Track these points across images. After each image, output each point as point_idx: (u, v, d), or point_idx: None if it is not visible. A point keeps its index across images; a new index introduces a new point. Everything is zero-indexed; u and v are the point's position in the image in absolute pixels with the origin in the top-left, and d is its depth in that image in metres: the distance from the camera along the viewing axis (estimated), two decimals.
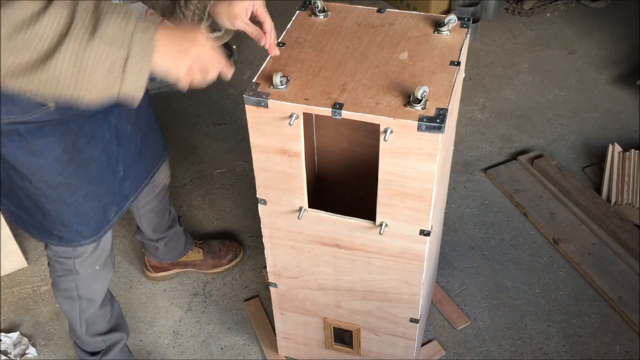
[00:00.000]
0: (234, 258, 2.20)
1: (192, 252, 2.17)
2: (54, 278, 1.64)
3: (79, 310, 1.65)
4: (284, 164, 1.39)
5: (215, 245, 2.20)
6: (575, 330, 1.99)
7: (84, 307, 1.65)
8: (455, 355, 1.94)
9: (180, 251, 2.12)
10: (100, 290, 1.66)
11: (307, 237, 1.52)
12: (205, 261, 2.17)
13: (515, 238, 2.28)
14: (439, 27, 1.44)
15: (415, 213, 1.37)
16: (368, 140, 1.72)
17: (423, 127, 1.22)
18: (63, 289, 1.63)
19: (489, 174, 2.50)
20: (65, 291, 1.63)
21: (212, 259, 2.17)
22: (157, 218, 1.94)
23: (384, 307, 1.61)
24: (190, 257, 2.16)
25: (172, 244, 2.06)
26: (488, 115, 2.80)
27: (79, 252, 1.54)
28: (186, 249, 2.13)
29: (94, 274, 1.61)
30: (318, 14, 1.50)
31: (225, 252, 2.19)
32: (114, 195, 1.50)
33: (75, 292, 1.62)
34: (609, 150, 2.47)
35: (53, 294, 1.69)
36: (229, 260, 2.19)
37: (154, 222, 1.94)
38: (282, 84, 1.30)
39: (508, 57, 3.13)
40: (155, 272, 2.17)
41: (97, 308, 1.68)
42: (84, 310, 1.66)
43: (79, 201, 1.41)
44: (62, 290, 1.63)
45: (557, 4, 3.47)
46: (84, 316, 1.67)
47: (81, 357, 1.79)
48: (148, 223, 1.94)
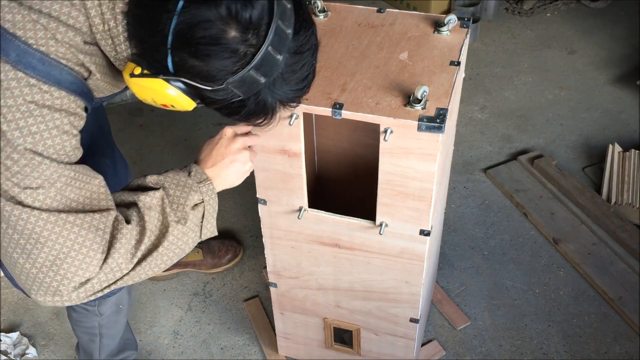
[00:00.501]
0: (234, 258, 2.20)
1: (191, 253, 2.17)
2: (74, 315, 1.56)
3: (99, 344, 1.63)
4: (284, 164, 1.39)
5: (214, 245, 2.20)
6: (575, 330, 1.99)
7: (104, 343, 1.63)
8: (455, 355, 1.94)
9: None
10: (119, 329, 1.64)
11: (307, 237, 1.52)
12: (204, 261, 2.17)
13: (515, 238, 2.27)
14: (439, 27, 1.44)
15: (415, 213, 1.37)
16: (368, 140, 1.72)
17: (423, 127, 1.22)
18: (84, 327, 1.58)
19: (489, 174, 2.50)
20: (87, 329, 1.59)
21: (212, 258, 2.18)
22: None
23: (384, 307, 1.60)
24: (190, 257, 2.17)
25: None
26: (488, 115, 2.80)
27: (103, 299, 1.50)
28: None
29: (117, 312, 1.58)
30: (318, 14, 1.50)
31: (225, 251, 2.19)
32: None
33: (97, 330, 1.58)
34: (609, 150, 2.47)
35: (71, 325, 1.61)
36: (228, 260, 2.19)
37: None
38: None
39: (508, 57, 3.13)
40: None
41: (117, 341, 1.67)
42: (104, 345, 1.64)
43: None
44: (83, 328, 1.58)
45: (557, 4, 3.47)
46: (103, 350, 1.65)
47: None
48: None
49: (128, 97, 2.96)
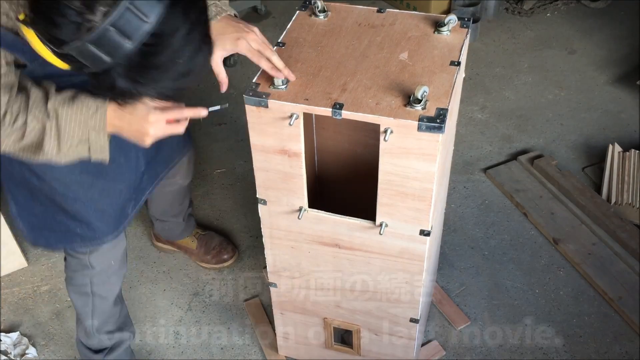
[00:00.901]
0: (223, 261, 2.19)
1: (187, 239, 2.20)
2: (68, 273, 1.64)
3: (92, 306, 1.66)
4: (284, 164, 1.39)
5: (214, 242, 2.20)
6: (575, 330, 1.99)
7: (96, 304, 1.66)
8: (455, 355, 1.94)
9: (177, 234, 2.17)
10: (114, 287, 1.68)
11: (307, 237, 1.52)
12: (196, 251, 2.19)
13: (515, 238, 2.27)
14: (439, 27, 1.44)
15: (415, 213, 1.37)
16: (368, 140, 1.72)
17: (423, 127, 1.22)
18: (77, 285, 1.64)
19: (489, 174, 2.50)
20: (80, 287, 1.63)
21: (204, 253, 2.19)
22: (164, 205, 2.01)
23: (384, 307, 1.60)
24: (185, 242, 2.20)
25: (167, 227, 2.13)
26: (488, 115, 2.80)
27: (96, 248, 1.55)
28: (182, 235, 2.18)
29: (109, 270, 1.62)
30: (318, 14, 1.50)
31: (219, 251, 2.19)
32: (134, 190, 1.54)
33: (89, 288, 1.62)
34: (609, 150, 2.47)
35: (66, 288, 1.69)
36: (217, 260, 2.19)
37: (160, 206, 2.02)
38: (282, 84, 1.30)
39: (508, 57, 3.13)
40: (156, 241, 2.25)
41: (109, 305, 1.69)
42: (96, 306, 1.66)
43: (95, 198, 1.45)
44: (76, 286, 1.64)
45: (557, 4, 3.46)
46: (95, 313, 1.68)
47: (85, 355, 1.79)
48: (155, 205, 2.02)
49: None
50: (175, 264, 2.24)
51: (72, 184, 1.41)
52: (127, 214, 1.55)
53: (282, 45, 1.43)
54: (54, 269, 2.24)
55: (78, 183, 1.41)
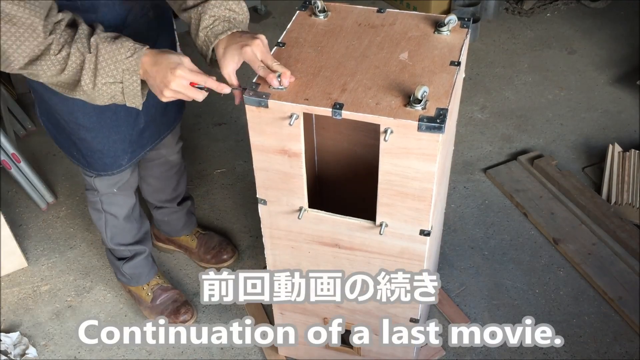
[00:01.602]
0: (223, 262, 2.19)
1: (187, 237, 2.22)
2: (86, 192, 1.89)
3: (104, 221, 1.89)
4: (284, 164, 1.39)
5: (214, 241, 2.20)
6: (575, 330, 1.99)
7: (108, 220, 1.89)
8: (455, 355, 1.94)
9: (176, 230, 2.19)
10: (120, 210, 1.87)
11: (307, 237, 1.52)
12: (196, 251, 2.20)
13: (515, 238, 2.28)
14: (439, 27, 1.44)
15: (415, 213, 1.37)
16: (368, 140, 1.72)
17: (423, 127, 1.22)
18: (90, 202, 1.88)
19: (489, 174, 2.50)
20: (92, 204, 1.88)
21: (204, 253, 2.19)
22: (157, 185, 2.04)
23: (384, 307, 1.60)
24: (184, 241, 2.22)
25: (167, 218, 2.15)
26: (488, 115, 2.80)
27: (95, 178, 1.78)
28: (182, 231, 2.19)
29: (112, 195, 1.83)
30: (318, 14, 1.50)
31: (218, 251, 2.19)
32: (130, 144, 1.68)
33: (100, 206, 1.86)
34: (609, 150, 2.47)
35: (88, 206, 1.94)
36: (217, 261, 2.19)
37: (151, 188, 2.05)
38: (282, 84, 1.30)
39: (508, 57, 3.13)
40: (157, 241, 2.26)
41: (120, 223, 1.90)
42: (108, 222, 1.89)
43: (95, 141, 1.64)
44: (90, 202, 1.89)
45: (557, 4, 3.46)
46: (108, 227, 1.90)
47: (110, 260, 2.05)
48: (146, 185, 2.04)
49: None
50: (175, 264, 2.24)
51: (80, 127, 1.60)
52: (121, 164, 1.71)
53: (282, 45, 1.43)
54: (54, 269, 2.25)
55: (85, 127, 1.60)
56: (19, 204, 2.48)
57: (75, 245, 2.32)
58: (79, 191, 2.53)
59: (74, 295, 2.16)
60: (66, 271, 2.24)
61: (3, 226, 2.11)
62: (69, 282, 2.20)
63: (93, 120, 1.59)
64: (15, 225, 2.39)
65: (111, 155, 1.67)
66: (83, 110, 1.55)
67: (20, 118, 2.77)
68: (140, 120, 1.66)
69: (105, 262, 2.25)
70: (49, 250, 2.31)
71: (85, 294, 2.17)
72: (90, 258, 2.28)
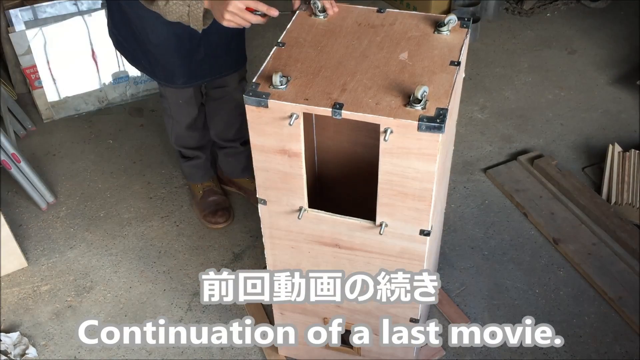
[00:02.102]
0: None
1: (247, 180, 2.42)
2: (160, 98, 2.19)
3: (171, 126, 2.22)
4: (284, 164, 1.39)
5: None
6: (575, 330, 1.99)
7: (174, 125, 2.21)
8: (455, 355, 1.94)
9: (237, 172, 2.42)
10: (184, 119, 2.17)
11: (307, 237, 1.52)
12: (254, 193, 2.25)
13: (515, 238, 2.27)
14: (439, 27, 1.44)
15: (415, 213, 1.37)
16: (368, 140, 1.72)
17: (423, 127, 1.22)
18: (162, 108, 2.21)
19: (489, 174, 2.50)
20: (164, 110, 2.20)
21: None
22: (221, 125, 2.28)
23: (384, 307, 1.60)
24: (244, 183, 2.43)
25: (230, 159, 2.39)
26: (488, 115, 2.80)
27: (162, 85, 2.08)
28: (243, 174, 2.42)
29: (177, 105, 2.13)
30: (318, 14, 1.50)
31: None
32: (187, 68, 1.95)
33: (169, 111, 2.17)
34: (609, 150, 2.47)
35: None
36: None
37: (218, 128, 2.29)
38: (282, 84, 1.30)
39: (508, 57, 3.13)
40: (221, 184, 2.48)
41: (183, 129, 2.20)
42: (174, 127, 2.21)
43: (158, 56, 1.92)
44: (163, 109, 2.21)
45: (557, 4, 3.46)
46: (173, 131, 2.23)
47: (177, 155, 2.39)
48: (213, 125, 2.28)
49: (128, 97, 2.96)
50: (175, 264, 2.24)
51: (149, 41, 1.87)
52: (175, 82, 1.98)
53: (282, 45, 1.43)
54: (54, 269, 2.25)
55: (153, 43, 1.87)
56: (19, 204, 2.49)
57: (75, 245, 2.32)
58: (79, 191, 2.53)
59: (74, 295, 2.16)
60: (66, 271, 2.24)
61: (3, 226, 2.11)
62: (69, 282, 2.20)
63: (160, 39, 1.85)
64: (15, 225, 2.39)
65: (170, 72, 1.95)
66: (152, 28, 1.83)
67: (20, 118, 2.77)
68: (200, 51, 1.91)
69: (105, 262, 2.25)
70: (49, 250, 2.31)
71: (85, 294, 2.17)
72: (90, 258, 2.28)
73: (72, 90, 2.86)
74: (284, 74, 1.33)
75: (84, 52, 2.83)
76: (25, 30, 2.72)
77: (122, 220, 2.40)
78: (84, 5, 2.79)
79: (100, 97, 2.92)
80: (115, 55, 2.86)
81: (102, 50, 2.84)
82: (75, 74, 2.85)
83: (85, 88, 2.88)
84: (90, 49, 2.83)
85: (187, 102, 2.13)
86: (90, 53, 2.84)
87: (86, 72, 2.86)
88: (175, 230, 2.36)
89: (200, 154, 2.33)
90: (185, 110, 2.16)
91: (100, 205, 2.47)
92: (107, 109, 2.94)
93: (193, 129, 2.23)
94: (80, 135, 2.80)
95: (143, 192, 2.52)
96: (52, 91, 2.83)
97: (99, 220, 2.42)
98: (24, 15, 2.73)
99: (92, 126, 2.85)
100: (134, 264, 2.24)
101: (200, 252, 2.28)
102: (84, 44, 2.81)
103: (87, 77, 2.87)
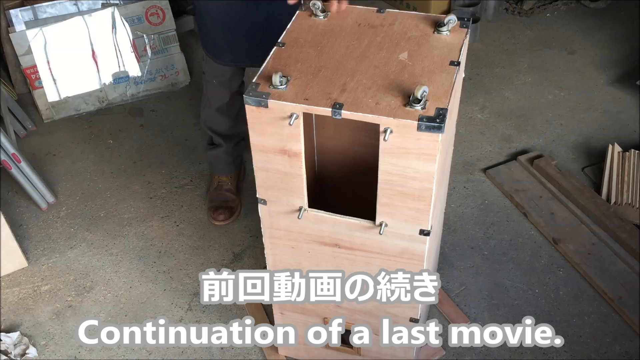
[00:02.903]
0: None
1: None
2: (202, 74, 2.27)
3: (204, 104, 2.29)
4: (284, 164, 1.39)
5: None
6: (575, 330, 1.99)
7: (205, 104, 2.28)
8: (455, 355, 1.94)
9: None
10: (215, 101, 2.23)
11: (307, 237, 1.52)
12: None
13: (515, 238, 2.28)
14: (438, 27, 1.44)
15: (415, 213, 1.37)
16: (368, 140, 1.72)
17: (423, 127, 1.22)
18: (203, 84, 2.27)
19: (489, 174, 2.50)
20: (203, 86, 2.27)
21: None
22: None
23: (384, 307, 1.60)
24: None
25: None
26: (488, 115, 2.80)
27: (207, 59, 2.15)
28: None
29: (212, 85, 2.20)
30: (318, 14, 1.50)
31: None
32: (238, 48, 2.00)
33: (205, 89, 2.25)
34: (608, 150, 2.47)
35: None
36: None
37: None
38: (282, 84, 1.30)
39: (508, 57, 3.13)
40: None
41: (213, 110, 2.25)
42: (205, 105, 2.29)
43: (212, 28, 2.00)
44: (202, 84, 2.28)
45: (557, 4, 3.47)
46: (204, 110, 2.30)
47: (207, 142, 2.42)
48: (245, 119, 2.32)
49: (128, 97, 2.96)
50: (175, 264, 2.24)
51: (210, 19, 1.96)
52: (222, 60, 2.05)
53: (282, 45, 1.43)
54: (54, 269, 2.25)
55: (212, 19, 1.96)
56: (19, 204, 2.49)
57: (75, 245, 2.33)
58: (79, 191, 2.53)
59: (74, 295, 2.16)
60: (66, 271, 2.24)
61: (3, 226, 2.11)
62: (69, 282, 2.20)
63: (219, 16, 1.94)
64: (15, 225, 2.39)
65: (219, 46, 2.02)
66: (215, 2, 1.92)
67: (20, 118, 2.77)
68: (257, 36, 1.94)
69: (105, 262, 2.25)
70: (49, 250, 2.31)
71: (85, 294, 2.17)
72: (91, 258, 2.28)
73: (72, 90, 2.86)
74: (284, 74, 1.33)
75: (84, 52, 2.83)
76: (26, 31, 2.72)
77: (122, 220, 2.40)
78: (84, 6, 2.80)
79: (101, 97, 2.92)
80: (116, 55, 2.86)
81: (102, 50, 2.84)
82: (75, 74, 2.85)
83: (85, 88, 2.89)
84: (91, 49, 2.83)
85: (220, 84, 2.17)
86: (91, 53, 2.84)
87: (86, 72, 2.86)
88: (175, 230, 2.36)
89: (224, 143, 2.34)
90: (218, 92, 2.20)
91: (100, 205, 2.47)
92: (107, 109, 2.95)
93: (222, 114, 2.26)
94: (81, 135, 2.80)
95: (143, 192, 2.52)
96: (52, 91, 2.83)
97: (99, 220, 2.42)
98: (24, 15, 2.74)
99: (92, 126, 2.85)
100: (134, 264, 2.25)
101: (200, 252, 2.28)
102: (84, 44, 2.82)
103: (87, 77, 2.87)
